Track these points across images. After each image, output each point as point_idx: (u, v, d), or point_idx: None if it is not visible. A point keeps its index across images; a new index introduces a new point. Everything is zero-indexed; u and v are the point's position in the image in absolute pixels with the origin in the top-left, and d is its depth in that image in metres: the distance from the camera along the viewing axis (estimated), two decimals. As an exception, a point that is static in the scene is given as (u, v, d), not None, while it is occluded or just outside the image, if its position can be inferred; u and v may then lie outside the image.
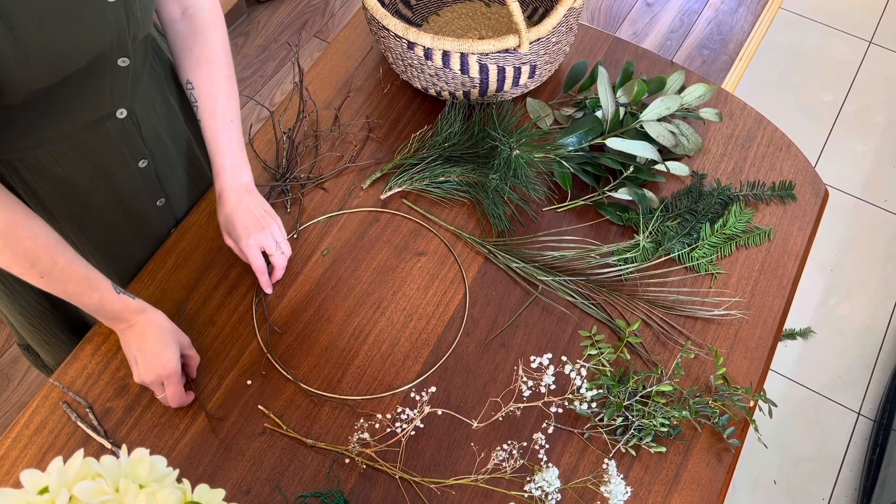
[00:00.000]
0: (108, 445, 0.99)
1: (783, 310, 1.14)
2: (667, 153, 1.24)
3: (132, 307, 0.99)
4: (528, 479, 0.96)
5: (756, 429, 1.04)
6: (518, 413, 1.03)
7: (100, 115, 0.97)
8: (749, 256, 1.18)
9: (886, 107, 2.48)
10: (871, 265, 2.19)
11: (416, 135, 1.26)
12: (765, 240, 1.19)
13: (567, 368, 0.99)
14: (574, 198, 1.21)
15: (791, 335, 2.06)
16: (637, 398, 1.01)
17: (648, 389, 1.02)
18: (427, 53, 1.17)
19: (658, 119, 1.21)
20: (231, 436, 1.01)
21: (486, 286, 1.14)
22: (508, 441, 1.01)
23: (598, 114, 1.23)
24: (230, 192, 1.07)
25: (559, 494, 0.97)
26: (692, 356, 1.09)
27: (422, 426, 1.01)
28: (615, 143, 1.18)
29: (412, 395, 1.05)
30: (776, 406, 1.05)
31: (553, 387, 1.01)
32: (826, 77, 2.53)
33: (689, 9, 2.67)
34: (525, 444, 1.01)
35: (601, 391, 1.02)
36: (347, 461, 1.00)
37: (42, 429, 1.01)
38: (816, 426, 1.95)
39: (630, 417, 1.01)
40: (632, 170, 1.18)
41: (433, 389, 1.04)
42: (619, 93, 1.26)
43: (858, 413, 1.97)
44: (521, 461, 0.99)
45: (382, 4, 1.33)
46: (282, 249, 1.09)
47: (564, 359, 1.05)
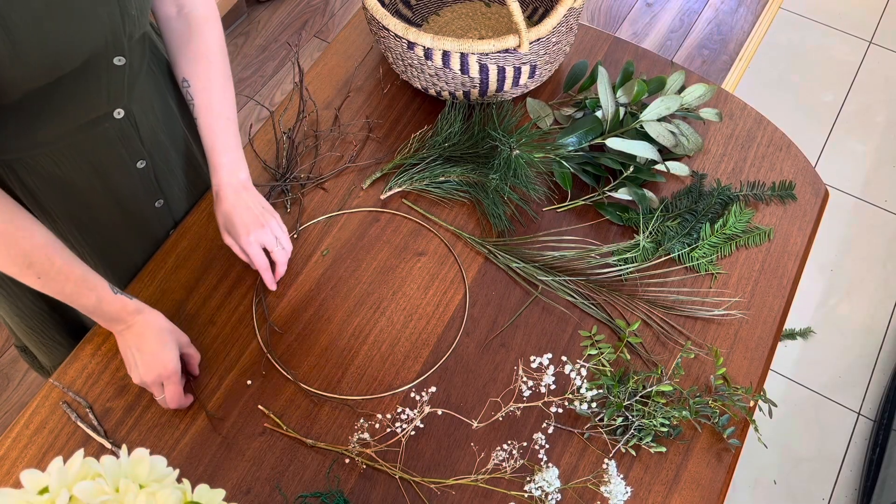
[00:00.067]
0: (108, 445, 0.99)
1: (783, 310, 1.14)
2: (667, 153, 1.24)
3: (130, 308, 0.99)
4: (528, 479, 0.96)
5: (756, 429, 1.04)
6: (518, 413, 1.03)
7: (97, 115, 0.96)
8: (749, 256, 1.18)
9: (886, 107, 2.48)
10: (871, 265, 2.19)
11: (416, 135, 1.26)
12: (765, 240, 1.19)
13: (567, 368, 0.99)
14: (574, 198, 1.21)
15: (791, 335, 2.06)
16: (637, 398, 1.01)
17: (648, 389, 1.02)
18: (427, 53, 1.17)
19: (658, 119, 1.21)
20: (231, 436, 1.01)
21: (486, 286, 1.14)
22: (508, 441, 1.01)
23: (598, 114, 1.23)
24: (228, 190, 1.06)
25: (559, 494, 0.97)
26: (692, 356, 1.09)
27: (422, 426, 1.01)
28: (615, 143, 1.18)
29: (412, 395, 1.05)
30: (776, 406, 1.05)
31: (553, 387, 1.01)
32: (826, 77, 2.53)
33: (689, 9, 2.67)
34: (525, 444, 1.01)
35: (601, 391, 1.02)
36: (347, 461, 1.00)
37: (42, 429, 1.01)
38: (816, 426, 1.95)
39: (630, 417, 1.01)
40: (632, 170, 1.18)
41: (433, 389, 1.04)
42: (619, 93, 1.26)
43: (858, 413, 1.97)
44: (521, 461, 0.99)
45: (382, 4, 1.33)
46: (282, 245, 1.08)
47: (564, 359, 1.05)
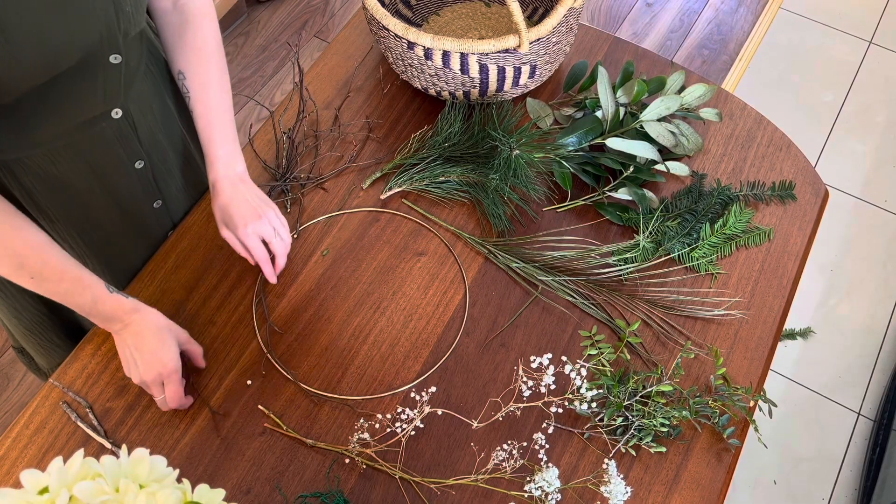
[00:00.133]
0: (108, 445, 0.99)
1: (783, 310, 1.14)
2: (667, 153, 1.24)
3: (126, 306, 0.98)
4: (528, 479, 0.96)
5: (756, 429, 1.04)
6: (518, 413, 1.03)
7: (94, 115, 0.96)
8: (749, 256, 1.18)
9: (886, 107, 2.48)
10: (871, 265, 2.19)
11: (416, 135, 1.26)
12: (765, 240, 1.19)
13: (567, 368, 0.99)
14: (574, 198, 1.21)
15: (791, 335, 2.06)
16: (637, 398, 1.01)
17: (648, 389, 1.02)
18: (427, 53, 1.17)
19: (658, 119, 1.21)
20: (231, 436, 1.01)
21: (486, 286, 1.14)
22: (508, 441, 1.01)
23: (598, 114, 1.23)
24: (224, 183, 1.05)
25: (559, 494, 0.97)
26: (692, 356, 1.09)
27: (422, 426, 1.01)
28: (615, 143, 1.18)
29: (412, 395, 1.05)
30: (776, 406, 1.05)
31: (553, 387, 1.01)
32: (826, 77, 2.53)
33: (689, 9, 2.67)
34: (525, 444, 1.01)
35: (601, 391, 1.02)
36: (347, 461, 1.00)
37: (42, 429, 1.01)
38: (816, 426, 1.95)
39: (630, 417, 1.01)
40: (632, 170, 1.18)
41: (433, 389, 1.04)
42: (619, 93, 1.26)
43: (858, 413, 1.97)
44: (521, 461, 0.99)
45: (382, 4, 1.33)
46: (281, 237, 1.07)
47: (564, 359, 1.05)
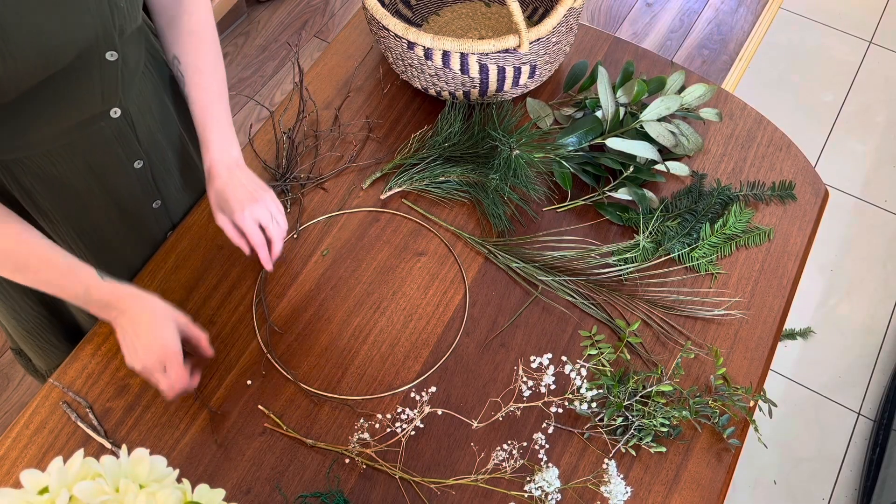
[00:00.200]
0: (108, 445, 0.99)
1: (783, 310, 1.14)
2: (667, 153, 1.24)
3: (121, 292, 0.96)
4: (528, 479, 0.96)
5: (756, 429, 1.04)
6: (518, 413, 1.03)
7: (93, 114, 0.96)
8: (749, 256, 1.18)
9: (886, 107, 2.48)
10: (871, 265, 2.19)
11: (416, 135, 1.26)
12: (765, 240, 1.19)
13: (567, 368, 0.99)
14: (574, 198, 1.21)
15: (791, 335, 2.06)
16: (637, 398, 1.01)
17: (648, 389, 1.02)
18: (427, 53, 1.17)
19: (658, 119, 1.21)
20: (231, 436, 1.01)
21: (486, 286, 1.14)
22: (508, 441, 1.01)
23: (598, 114, 1.23)
24: (220, 168, 1.04)
25: (559, 494, 0.97)
26: (692, 356, 1.09)
27: (422, 426, 1.01)
28: (615, 143, 1.18)
29: (412, 395, 1.05)
30: (776, 406, 1.05)
31: (553, 387, 1.01)
32: (826, 77, 2.53)
33: (689, 9, 2.67)
34: (525, 444, 1.01)
35: (601, 391, 1.02)
36: (347, 461, 1.00)
37: (42, 429, 1.01)
38: (816, 426, 1.95)
39: (630, 417, 1.01)
40: (632, 170, 1.18)
41: (433, 389, 1.04)
42: (619, 93, 1.26)
43: (858, 413, 1.97)
44: (521, 461, 0.99)
45: (382, 4, 1.33)
46: (277, 221, 1.06)
47: (564, 359, 1.05)
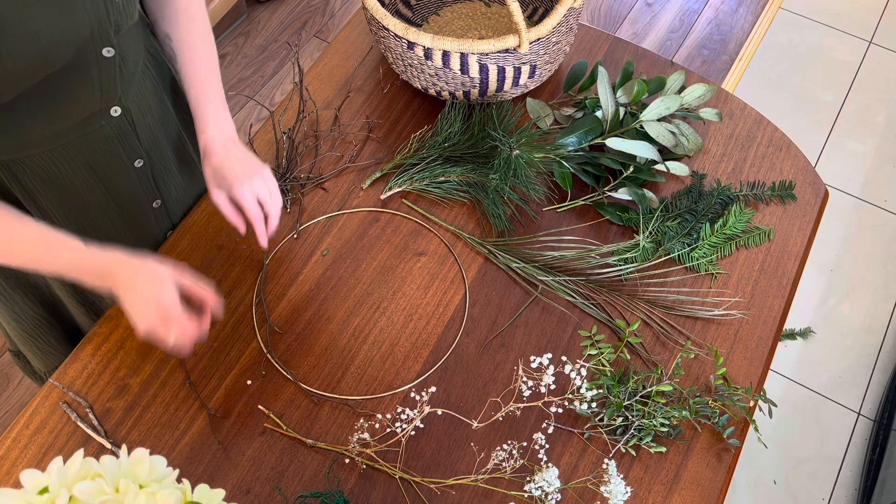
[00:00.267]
0: (108, 445, 0.99)
1: (783, 310, 1.14)
2: (667, 153, 1.24)
3: (111, 258, 0.93)
4: (528, 479, 0.96)
5: (756, 429, 1.04)
6: (518, 413, 1.03)
7: (93, 112, 0.96)
8: (749, 256, 1.18)
9: (886, 107, 2.48)
10: (871, 265, 2.19)
11: (416, 135, 1.26)
12: (765, 240, 1.19)
13: (567, 368, 0.99)
14: (574, 198, 1.21)
15: (791, 335, 2.06)
16: (637, 398, 1.01)
17: (648, 389, 1.02)
18: (427, 53, 1.17)
19: (658, 119, 1.21)
20: (231, 436, 1.01)
21: (486, 286, 1.14)
22: (508, 441, 1.01)
23: (598, 114, 1.23)
24: (216, 144, 1.04)
25: (559, 494, 0.97)
26: (692, 356, 1.09)
27: (422, 426, 1.01)
28: (615, 143, 1.18)
29: (412, 395, 1.05)
30: (776, 406, 1.05)
31: (553, 387, 1.01)
32: (826, 77, 2.53)
33: (689, 9, 2.67)
34: (525, 444, 1.01)
35: (601, 391, 1.02)
36: (347, 461, 1.00)
37: (42, 429, 1.01)
38: (816, 426, 1.95)
39: (630, 417, 1.01)
40: (632, 170, 1.18)
41: (433, 389, 1.04)
42: (619, 93, 1.26)
43: (858, 413, 1.97)
44: (521, 461, 0.99)
45: (382, 4, 1.33)
46: (274, 196, 1.05)
47: (564, 359, 1.05)
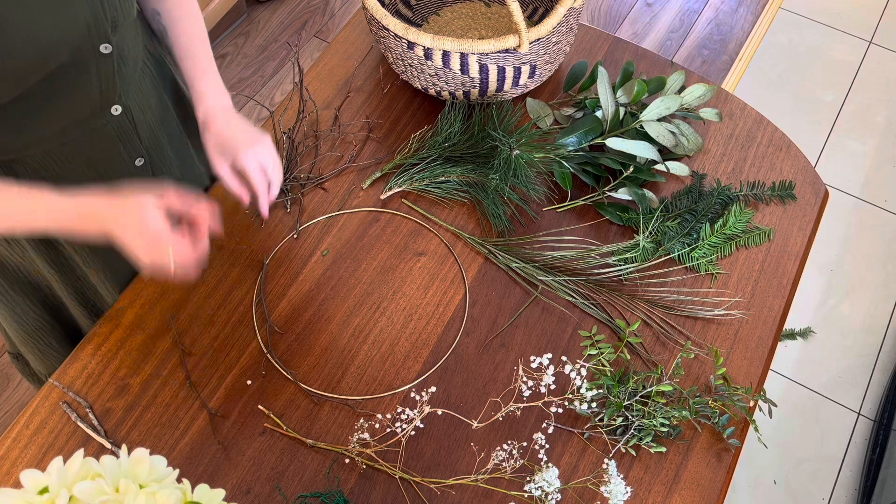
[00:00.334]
0: (108, 445, 0.99)
1: (783, 310, 1.14)
2: (667, 153, 1.24)
3: (91, 202, 0.90)
4: (528, 479, 0.96)
5: (756, 429, 1.04)
6: (518, 413, 1.03)
7: (93, 111, 0.97)
8: (749, 256, 1.18)
9: (886, 107, 2.48)
10: (871, 265, 2.19)
11: (416, 135, 1.26)
12: (765, 240, 1.19)
13: (567, 368, 0.99)
14: (574, 198, 1.21)
15: (791, 335, 2.06)
16: (637, 398, 1.01)
17: (648, 389, 1.02)
18: (427, 53, 1.17)
19: (658, 119, 1.21)
20: (231, 436, 1.01)
21: (486, 286, 1.14)
22: (508, 441, 1.01)
23: (598, 114, 1.23)
24: (217, 113, 1.04)
25: (559, 494, 0.97)
26: (692, 356, 1.09)
27: (422, 426, 1.01)
28: (615, 143, 1.18)
29: (412, 395, 1.05)
30: (776, 406, 1.05)
31: (553, 387, 1.01)
32: (826, 77, 2.53)
33: (689, 9, 2.67)
34: (525, 444, 1.01)
35: (601, 391, 1.02)
36: (347, 461, 1.00)
37: (42, 429, 1.01)
38: (816, 426, 1.95)
39: (630, 417, 1.01)
40: (632, 170, 1.18)
41: (433, 389, 1.04)
42: (619, 93, 1.26)
43: (858, 413, 1.97)
44: (521, 461, 0.99)
45: (382, 4, 1.33)
46: (276, 165, 1.05)
47: (564, 359, 1.05)
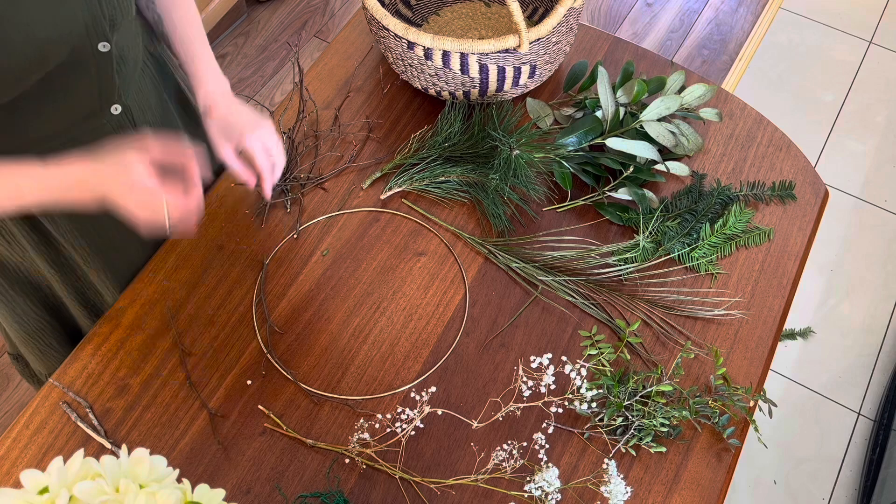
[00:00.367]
0: (108, 445, 0.99)
1: (783, 310, 1.14)
2: (667, 153, 1.24)
3: (75, 168, 0.87)
4: (528, 479, 0.96)
5: (756, 429, 1.04)
6: (518, 413, 1.03)
7: (92, 111, 0.97)
8: (749, 256, 1.18)
9: (886, 107, 2.48)
10: (871, 265, 2.19)
11: (416, 135, 1.26)
12: (765, 240, 1.19)
13: (567, 368, 0.99)
14: (574, 198, 1.21)
15: (791, 335, 2.06)
16: (637, 398, 1.01)
17: (648, 389, 1.02)
18: (427, 53, 1.17)
19: (658, 119, 1.21)
20: (231, 436, 1.01)
21: (486, 286, 1.14)
22: (508, 441, 1.01)
23: (598, 114, 1.23)
24: (218, 99, 1.05)
25: (559, 494, 0.97)
26: (692, 356, 1.09)
27: (422, 426, 1.01)
28: (615, 143, 1.18)
29: (412, 395, 1.05)
30: (776, 406, 1.05)
31: (553, 387, 1.01)
32: (826, 77, 2.53)
33: (689, 9, 2.67)
34: (525, 444, 1.01)
35: (601, 391, 1.02)
36: (347, 461, 1.00)
37: (42, 429, 1.01)
38: (816, 426, 1.95)
39: (630, 417, 1.01)
40: (632, 170, 1.18)
41: (433, 389, 1.04)
42: (619, 93, 1.26)
43: (858, 413, 1.97)
44: (521, 461, 0.99)
45: (382, 4, 1.33)
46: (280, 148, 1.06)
47: (564, 359, 1.05)
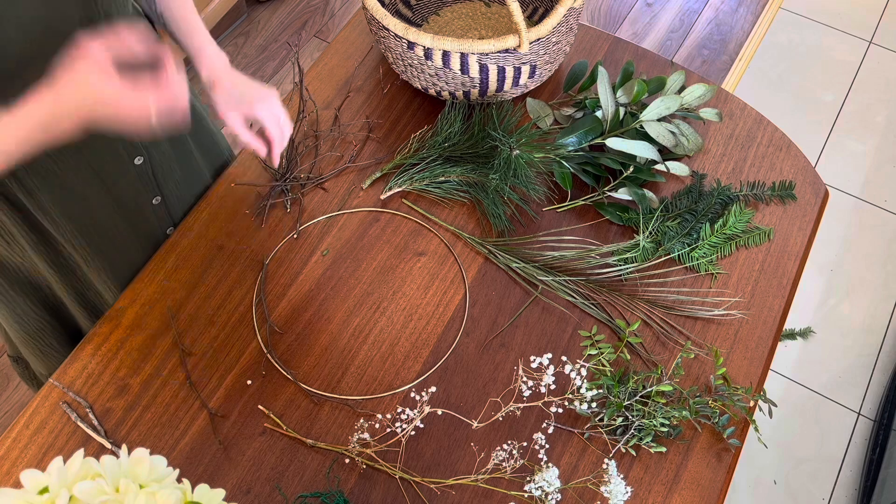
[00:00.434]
0: (108, 445, 0.99)
1: (783, 310, 1.14)
2: (667, 153, 1.24)
3: (43, 102, 0.79)
4: (528, 479, 0.96)
5: (756, 429, 1.04)
6: (518, 413, 1.03)
7: None
8: (749, 256, 1.18)
9: (886, 107, 2.47)
10: (871, 265, 2.19)
11: (416, 135, 1.26)
12: (765, 240, 1.19)
13: (567, 368, 0.99)
14: (574, 198, 1.21)
15: (791, 335, 2.06)
16: (637, 398, 1.01)
17: (648, 389, 1.02)
18: (427, 53, 1.17)
19: (658, 119, 1.21)
20: (231, 436, 1.01)
21: (486, 286, 1.14)
22: (508, 441, 1.01)
23: (598, 114, 1.23)
24: (222, 73, 1.05)
25: (559, 494, 0.97)
26: (692, 356, 1.09)
27: (422, 426, 1.01)
28: (615, 143, 1.18)
29: (412, 395, 1.05)
30: (776, 406, 1.05)
31: (553, 387, 1.01)
32: (826, 77, 2.53)
33: (689, 9, 2.67)
34: (525, 444, 1.01)
35: (601, 391, 1.02)
36: (347, 461, 1.00)
37: (42, 429, 1.01)
38: (816, 426, 1.95)
39: (630, 417, 1.01)
40: (632, 170, 1.18)
41: (433, 389, 1.04)
42: (619, 93, 1.26)
43: (858, 413, 1.97)
44: (521, 461, 0.99)
45: (382, 4, 1.33)
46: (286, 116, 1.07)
47: (564, 359, 1.05)
